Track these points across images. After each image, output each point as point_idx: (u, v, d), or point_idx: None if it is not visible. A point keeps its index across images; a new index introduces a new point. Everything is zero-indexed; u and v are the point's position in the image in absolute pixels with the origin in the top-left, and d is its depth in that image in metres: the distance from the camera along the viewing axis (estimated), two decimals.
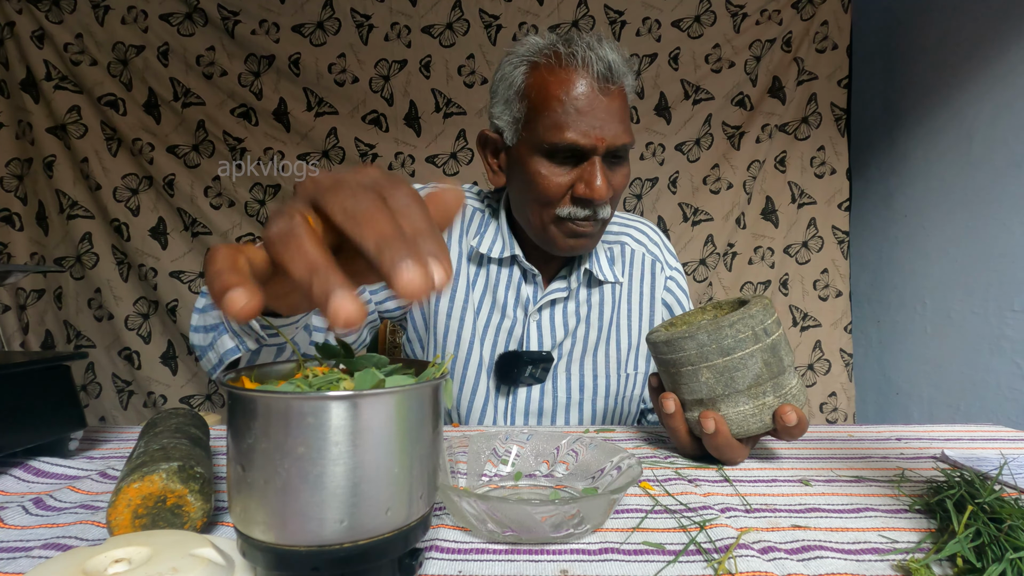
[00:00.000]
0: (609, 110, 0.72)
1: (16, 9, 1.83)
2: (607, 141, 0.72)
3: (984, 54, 1.59)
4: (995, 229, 1.55)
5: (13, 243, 1.90)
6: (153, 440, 0.46)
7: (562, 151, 0.73)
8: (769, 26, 1.98)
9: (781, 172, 2.03)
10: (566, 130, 0.71)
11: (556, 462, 0.54)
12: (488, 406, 0.85)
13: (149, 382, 1.95)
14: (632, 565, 0.39)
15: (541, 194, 0.75)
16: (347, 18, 1.94)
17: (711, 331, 0.54)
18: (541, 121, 0.73)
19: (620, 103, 0.74)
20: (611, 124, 0.72)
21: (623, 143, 0.73)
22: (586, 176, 0.73)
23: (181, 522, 0.40)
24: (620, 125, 0.73)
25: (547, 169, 0.74)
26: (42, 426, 0.57)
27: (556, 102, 0.72)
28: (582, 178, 0.73)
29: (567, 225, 0.76)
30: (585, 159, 0.73)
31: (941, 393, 1.74)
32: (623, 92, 0.75)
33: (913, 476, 0.56)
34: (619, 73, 0.73)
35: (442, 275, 0.26)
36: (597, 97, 0.71)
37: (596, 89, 0.71)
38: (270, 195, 1.95)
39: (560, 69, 0.72)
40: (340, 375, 0.38)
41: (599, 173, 0.72)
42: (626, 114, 0.75)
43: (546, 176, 0.74)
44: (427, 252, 0.26)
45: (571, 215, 0.75)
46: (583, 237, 0.78)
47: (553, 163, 0.74)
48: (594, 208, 0.75)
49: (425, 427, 0.36)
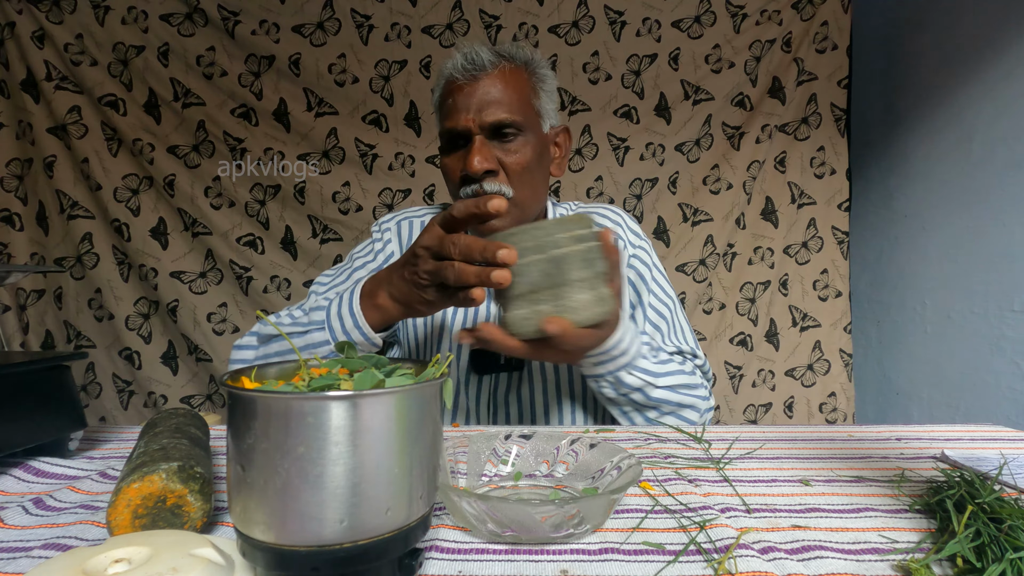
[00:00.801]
0: (484, 93, 0.80)
1: (16, 9, 1.83)
2: (478, 120, 0.79)
3: (984, 54, 1.59)
4: (995, 229, 1.55)
5: (13, 243, 1.90)
6: (153, 440, 0.46)
7: (448, 140, 0.83)
8: (769, 26, 1.98)
9: (781, 172, 2.03)
10: (446, 120, 0.83)
11: (556, 462, 0.54)
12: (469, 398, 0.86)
13: (149, 382, 1.95)
14: (632, 565, 0.39)
15: (448, 182, 0.85)
16: (347, 18, 1.94)
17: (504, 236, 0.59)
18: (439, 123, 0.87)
19: (496, 85, 0.80)
20: (480, 103, 0.80)
21: (497, 119, 0.79)
22: (465, 154, 0.81)
23: (181, 522, 0.40)
24: (494, 105, 0.80)
25: (447, 159, 0.85)
26: (42, 426, 0.57)
27: (443, 104, 0.85)
28: (463, 157, 0.81)
29: None
30: (469, 141, 0.81)
31: (941, 393, 1.74)
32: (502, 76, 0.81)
33: (913, 476, 0.56)
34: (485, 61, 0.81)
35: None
36: (466, 86, 0.80)
37: (464, 79, 0.81)
38: (270, 195, 1.95)
39: (447, 80, 0.84)
40: (340, 375, 0.38)
41: (474, 148, 0.79)
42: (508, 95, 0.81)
43: (445, 164, 0.85)
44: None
45: (464, 193, 0.82)
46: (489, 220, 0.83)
47: (449, 153, 0.84)
48: (480, 183, 0.80)
49: (425, 427, 0.36)
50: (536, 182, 0.84)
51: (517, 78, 0.82)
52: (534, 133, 0.83)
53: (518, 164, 0.81)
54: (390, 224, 0.96)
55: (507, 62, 0.82)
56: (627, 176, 2.01)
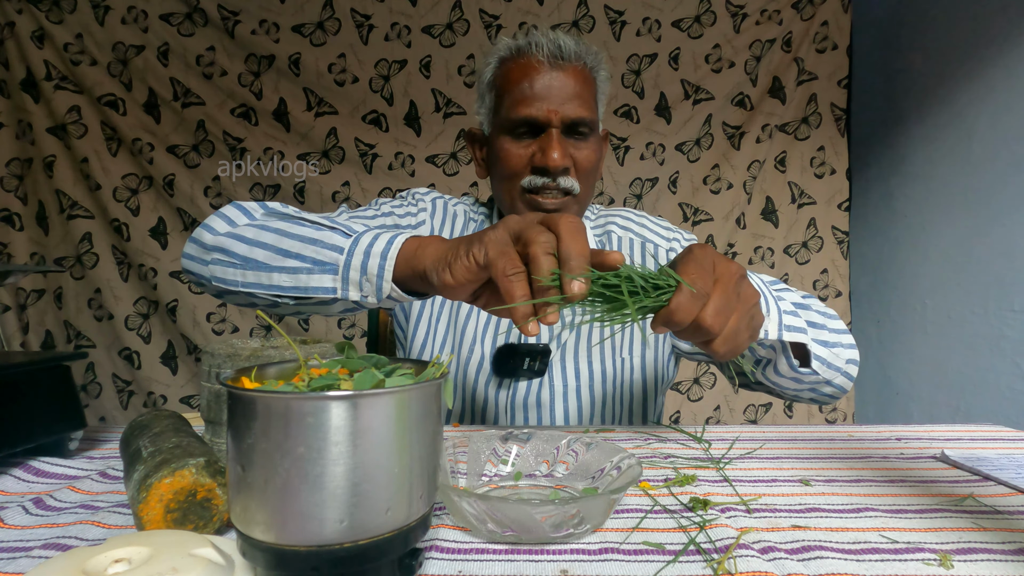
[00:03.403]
0: (564, 85, 0.78)
1: (16, 9, 1.83)
2: (560, 113, 0.78)
3: (984, 54, 1.59)
4: (995, 229, 1.54)
5: (13, 243, 1.90)
6: (159, 439, 0.46)
7: (520, 125, 0.80)
8: (769, 26, 1.98)
9: (781, 172, 2.03)
10: (522, 106, 0.79)
11: (556, 462, 0.54)
12: (489, 399, 0.86)
13: (149, 382, 1.95)
14: (632, 565, 0.39)
15: (505, 168, 0.82)
16: (347, 18, 1.94)
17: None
18: (505, 104, 0.81)
19: (576, 80, 0.79)
20: (565, 97, 0.78)
21: (578, 115, 0.79)
22: (543, 145, 0.79)
23: (210, 515, 0.41)
24: (576, 100, 0.79)
25: (510, 144, 0.81)
26: (42, 426, 0.57)
27: (514, 85, 0.80)
28: (540, 148, 0.79)
29: (531, 198, 0.81)
30: (543, 131, 0.79)
31: (941, 393, 1.74)
32: (580, 72, 0.80)
33: (913, 476, 0.56)
34: (571, 53, 0.79)
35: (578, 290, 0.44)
36: (549, 73, 0.78)
37: (548, 67, 0.78)
38: (270, 195, 1.95)
39: (519, 58, 0.81)
40: (340, 376, 0.38)
41: (555, 141, 0.78)
42: (585, 92, 0.80)
43: (508, 150, 0.81)
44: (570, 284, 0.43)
45: (531, 184, 0.80)
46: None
47: (515, 139, 0.81)
48: (554, 177, 0.79)
49: (425, 427, 0.36)
50: (594, 181, 0.86)
51: (589, 78, 0.82)
52: (598, 134, 0.85)
53: (588, 162, 0.82)
54: (425, 198, 0.94)
55: (584, 58, 0.82)
56: (627, 176, 2.01)
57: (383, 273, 0.55)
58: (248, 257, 0.62)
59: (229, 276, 0.63)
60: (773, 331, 0.60)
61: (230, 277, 0.63)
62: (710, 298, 0.47)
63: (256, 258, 0.62)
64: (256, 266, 0.62)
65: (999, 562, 0.39)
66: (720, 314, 0.47)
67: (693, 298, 0.46)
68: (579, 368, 0.86)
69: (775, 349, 0.67)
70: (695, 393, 2.03)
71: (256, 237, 0.63)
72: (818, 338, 0.67)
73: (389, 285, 0.55)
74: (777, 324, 0.61)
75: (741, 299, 0.50)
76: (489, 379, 0.86)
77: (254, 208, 0.70)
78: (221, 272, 0.64)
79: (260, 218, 0.68)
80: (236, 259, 0.63)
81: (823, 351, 0.67)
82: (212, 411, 0.53)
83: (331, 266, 0.57)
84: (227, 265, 0.64)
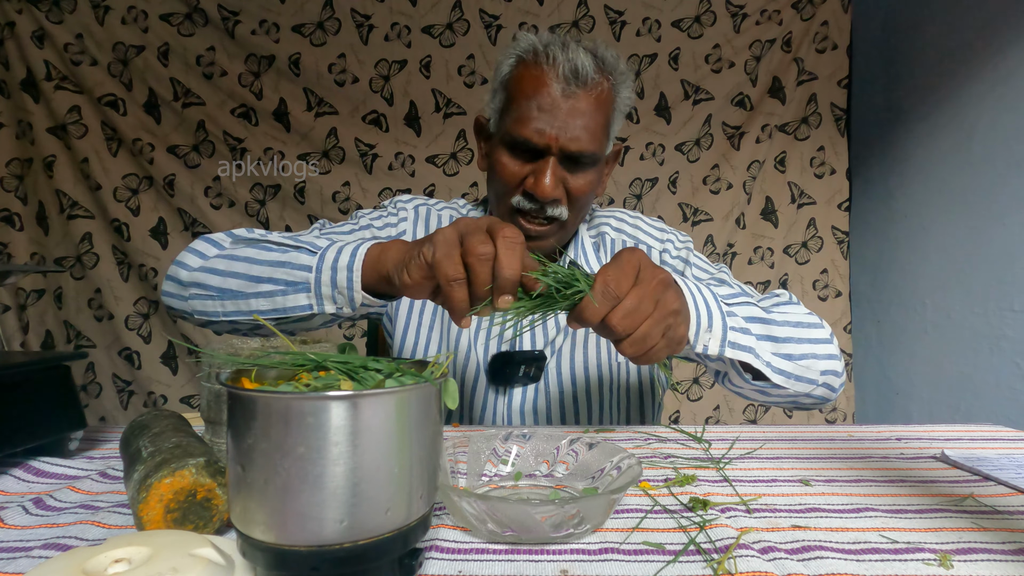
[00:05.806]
0: (572, 113, 0.73)
1: (16, 9, 1.83)
2: (560, 143, 0.74)
3: (984, 54, 1.58)
4: (995, 229, 1.54)
5: (13, 243, 1.90)
6: (159, 439, 0.46)
7: (519, 144, 0.76)
8: (769, 26, 1.98)
9: (781, 172, 2.03)
10: (524, 126, 0.74)
11: (556, 462, 0.54)
12: (487, 407, 0.86)
13: (149, 382, 1.95)
14: (632, 565, 0.39)
15: (499, 182, 0.79)
16: (347, 18, 1.94)
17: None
18: (511, 113, 0.77)
19: (588, 107, 0.74)
20: (570, 127, 0.73)
21: (579, 149, 0.74)
22: (537, 172, 0.75)
23: (210, 515, 0.41)
24: (582, 132, 0.74)
25: (507, 159, 0.78)
26: (42, 426, 0.57)
27: (523, 99, 0.75)
28: (534, 173, 0.76)
29: (517, 219, 0.79)
30: (541, 156, 0.76)
31: (941, 393, 1.74)
32: (597, 97, 0.75)
33: (913, 476, 0.56)
34: (588, 77, 0.73)
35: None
36: (560, 98, 0.73)
37: (561, 90, 0.73)
38: (270, 195, 1.95)
39: (534, 66, 0.75)
40: (340, 376, 0.38)
41: (548, 171, 0.74)
42: (594, 122, 0.75)
43: (505, 165, 0.78)
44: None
45: (519, 204, 0.77)
46: (535, 239, 0.79)
47: (512, 155, 0.78)
48: (541, 205, 0.76)
49: (425, 427, 0.36)
50: (588, 206, 0.83)
51: (605, 102, 0.77)
52: (600, 161, 0.80)
53: (581, 192, 0.78)
54: (407, 206, 0.92)
55: (605, 80, 0.76)
56: (627, 176, 2.01)
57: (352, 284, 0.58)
58: (223, 288, 0.65)
59: (209, 308, 0.67)
60: (714, 347, 0.59)
61: (210, 309, 0.67)
62: (621, 301, 0.49)
63: (231, 288, 0.65)
64: (233, 295, 0.65)
65: (999, 562, 0.39)
66: (629, 317, 0.49)
67: (603, 298, 0.49)
68: (575, 373, 0.86)
69: (724, 363, 0.65)
70: (695, 393, 2.04)
71: (228, 268, 0.66)
72: (780, 352, 0.64)
73: (360, 295, 0.58)
74: (720, 340, 0.59)
75: (658, 306, 0.51)
76: (486, 387, 0.86)
77: (222, 239, 0.73)
78: (201, 305, 0.68)
79: (228, 247, 0.71)
80: (212, 291, 0.66)
81: (787, 365, 0.64)
82: (212, 411, 0.53)
83: (303, 285, 0.60)
84: (205, 298, 0.67)
